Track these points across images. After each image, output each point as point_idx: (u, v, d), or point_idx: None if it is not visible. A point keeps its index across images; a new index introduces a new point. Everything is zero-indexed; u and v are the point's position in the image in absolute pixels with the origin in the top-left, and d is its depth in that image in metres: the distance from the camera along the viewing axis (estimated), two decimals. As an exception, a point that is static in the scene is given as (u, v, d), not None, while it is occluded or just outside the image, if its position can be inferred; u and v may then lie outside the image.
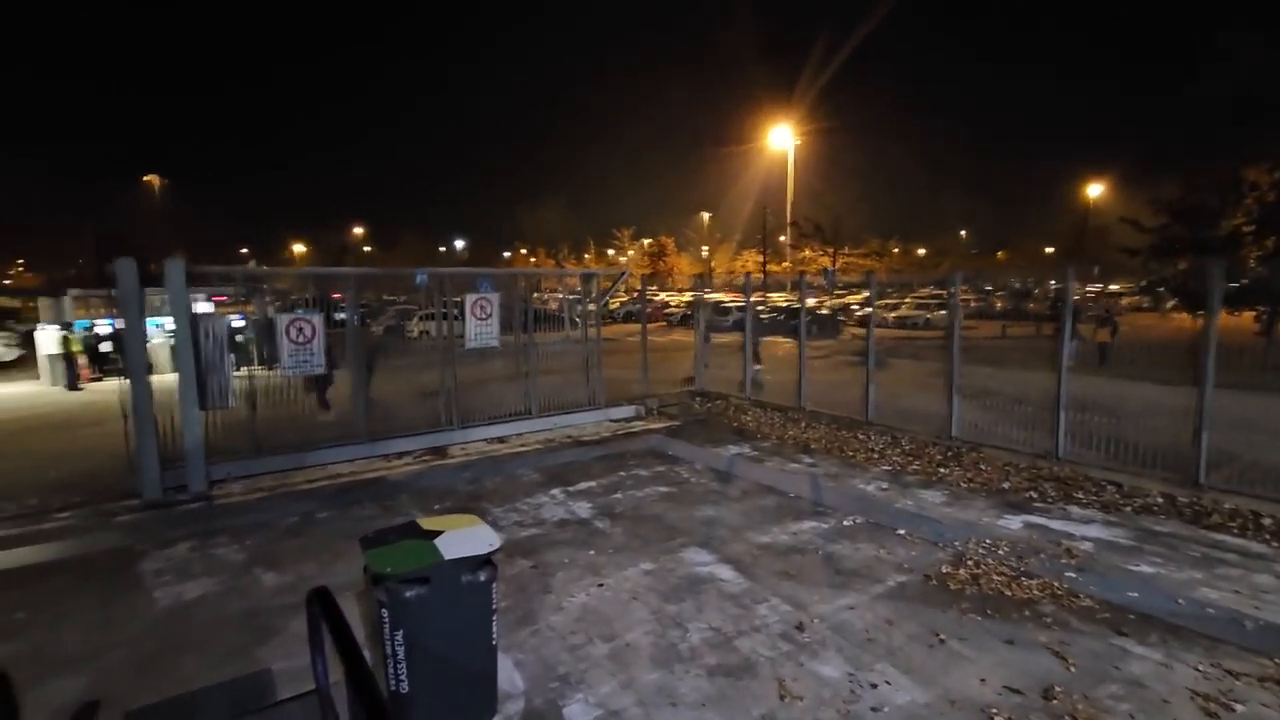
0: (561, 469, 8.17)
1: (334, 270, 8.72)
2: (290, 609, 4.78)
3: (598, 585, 5.06)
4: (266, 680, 4.00)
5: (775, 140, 31.62)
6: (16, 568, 5.66)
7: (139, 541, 6.13)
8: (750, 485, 7.45)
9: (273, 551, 5.85)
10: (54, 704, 3.73)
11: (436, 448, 8.99)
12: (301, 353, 8.41)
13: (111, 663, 4.19)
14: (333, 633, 2.92)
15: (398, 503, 7.05)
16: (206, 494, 7.36)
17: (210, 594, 5.09)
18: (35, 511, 6.91)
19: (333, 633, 2.92)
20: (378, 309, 26.38)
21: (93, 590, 5.16)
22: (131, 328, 7.22)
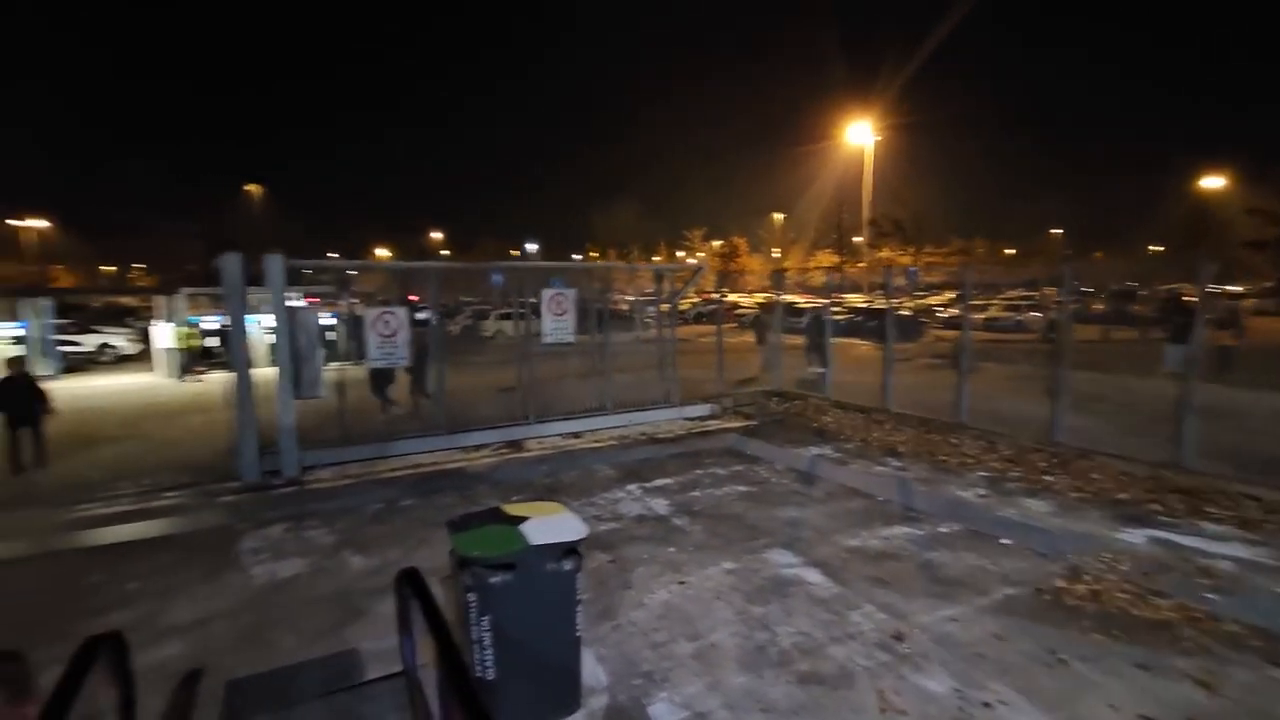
0: (637, 465, 8.06)
1: (419, 264, 8.93)
2: (377, 592, 4.86)
3: (679, 583, 4.90)
4: (354, 660, 4.06)
5: (853, 137, 30.65)
6: (132, 541, 6.05)
7: (238, 521, 6.43)
8: (834, 487, 7.11)
9: (360, 535, 6.00)
10: (163, 670, 3.89)
11: (513, 441, 9.07)
12: (387, 345, 8.66)
13: (214, 634, 4.36)
14: (423, 614, 2.89)
15: (476, 493, 7.13)
16: (299, 479, 7.67)
17: (302, 574, 5.26)
18: (149, 490, 7.39)
19: (423, 614, 2.89)
20: (454, 309, 27.26)
21: (198, 565, 5.43)
22: (235, 319, 7.62)
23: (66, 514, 6.64)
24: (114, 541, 6.03)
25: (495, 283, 27.13)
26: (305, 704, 3.59)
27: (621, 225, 47.16)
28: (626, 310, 21.98)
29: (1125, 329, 18.61)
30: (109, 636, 2.86)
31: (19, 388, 8.02)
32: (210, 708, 3.58)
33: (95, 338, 20.64)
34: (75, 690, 2.39)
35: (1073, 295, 8.59)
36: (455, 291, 27.51)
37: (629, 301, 24.03)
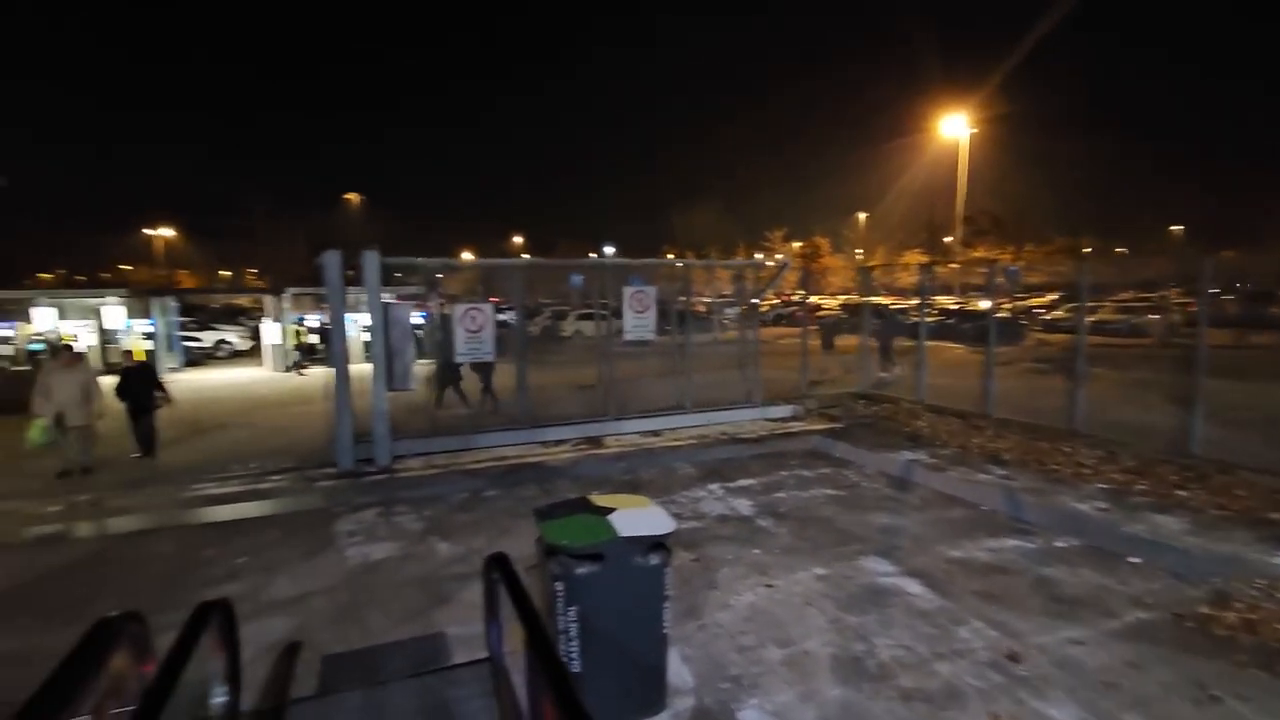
0: (718, 465, 7.87)
1: (503, 261, 9.10)
2: (462, 578, 4.92)
3: (766, 586, 4.68)
4: (441, 643, 4.09)
5: (946, 130, 29.10)
6: (241, 519, 6.42)
7: (335, 505, 6.72)
8: (931, 494, 6.67)
9: (446, 523, 6.12)
10: (266, 640, 4.06)
11: (592, 437, 9.07)
12: (473, 340, 8.87)
13: (312, 609, 4.53)
14: (512, 600, 2.84)
15: (557, 486, 7.15)
16: (390, 467, 7.95)
17: (392, 557, 5.40)
18: (256, 473, 7.86)
19: (512, 600, 2.84)
20: (534, 310, 27.87)
21: (298, 544, 5.68)
22: (335, 314, 7.99)
23: (185, 492, 7.14)
24: (225, 519, 6.42)
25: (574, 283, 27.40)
26: (395, 683, 3.63)
27: (700, 227, 46.40)
28: (704, 311, 21.78)
29: (1266, 333, 16.69)
30: (219, 603, 2.98)
31: (140, 379, 8.58)
32: (308, 679, 3.69)
33: (213, 334, 22.39)
34: (190, 651, 2.47)
35: (1209, 295, 7.71)
36: (535, 293, 28.07)
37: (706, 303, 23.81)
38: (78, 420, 7.63)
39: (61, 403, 7.51)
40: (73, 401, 7.56)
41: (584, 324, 24.37)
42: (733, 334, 15.74)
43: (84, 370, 7.90)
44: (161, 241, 49.60)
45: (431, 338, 10.03)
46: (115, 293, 18.14)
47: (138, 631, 2.75)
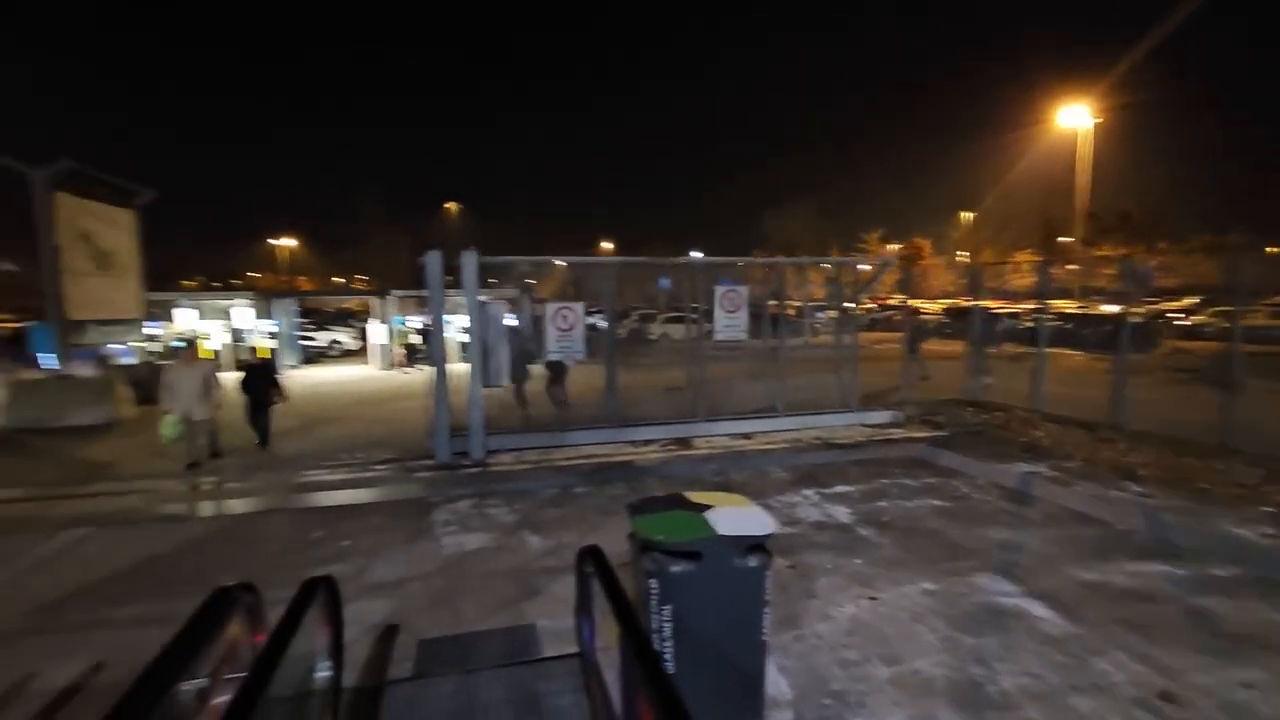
0: (813, 470, 7.52)
1: (595, 260, 9.15)
2: (552, 572, 4.90)
3: (869, 598, 4.37)
4: (531, 635, 4.07)
5: (1066, 121, 26.92)
6: (347, 505, 6.74)
7: (432, 495, 6.93)
8: (1055, 510, 6.05)
9: (537, 517, 6.16)
10: (367, 621, 4.18)
11: (681, 438, 8.93)
12: (564, 339, 8.96)
13: (409, 594, 4.64)
14: (606, 594, 2.75)
15: (646, 486, 7.06)
16: (483, 462, 8.14)
17: (485, 548, 5.47)
18: (362, 463, 8.26)
19: (606, 594, 2.75)
20: (621, 313, 28.10)
21: (398, 530, 5.88)
22: (435, 312, 8.29)
23: (298, 478, 7.60)
24: (333, 504, 6.76)
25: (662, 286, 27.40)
26: (486, 671, 3.63)
27: (793, 228, 44.74)
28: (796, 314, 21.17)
29: None
30: (324, 579, 3.07)
31: (260, 375, 9.07)
32: (404, 662, 3.75)
33: (326, 335, 24.03)
34: (297, 623, 2.53)
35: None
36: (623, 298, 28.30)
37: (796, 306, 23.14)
38: (200, 415, 7.92)
39: (185, 399, 7.78)
40: (194, 397, 7.81)
41: (671, 327, 24.32)
42: (824, 338, 15.19)
43: (203, 367, 8.17)
44: (285, 251, 54.10)
45: (521, 337, 10.24)
46: (244, 295, 19.81)
47: (252, 602, 2.86)
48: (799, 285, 22.30)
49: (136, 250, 13.85)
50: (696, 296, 9.48)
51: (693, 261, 9.23)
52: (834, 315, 13.46)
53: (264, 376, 9.06)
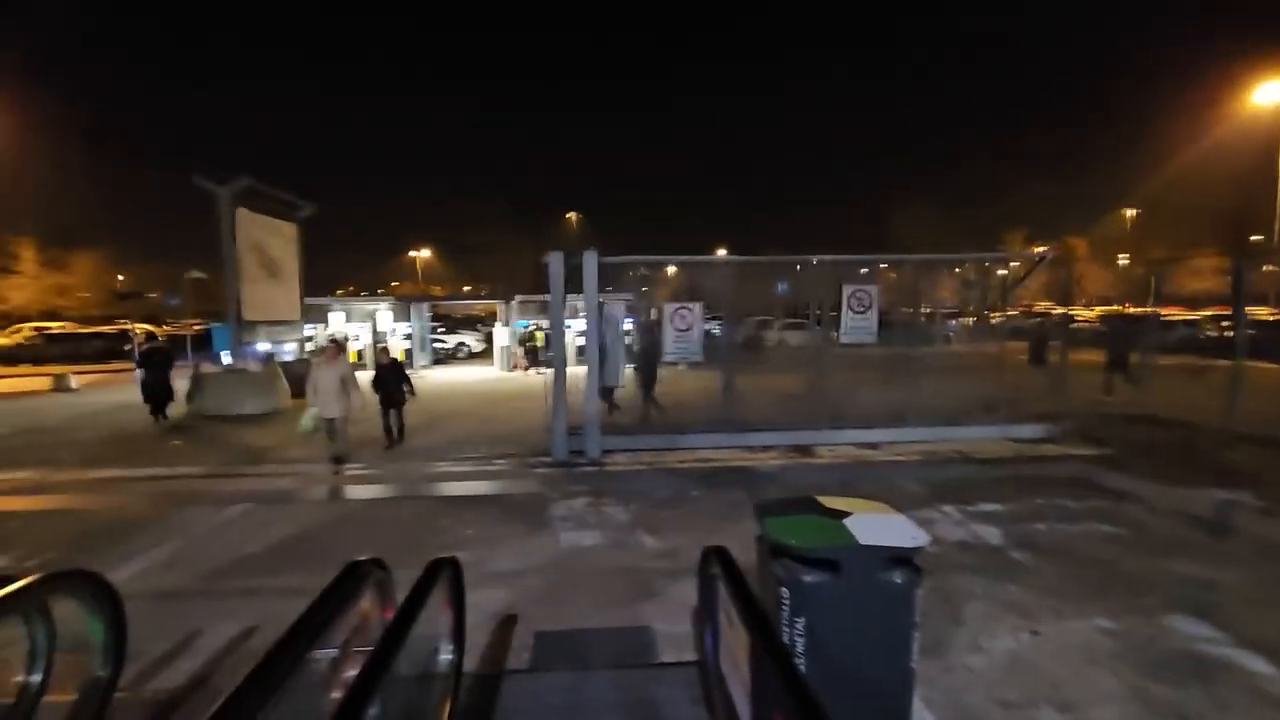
0: (952, 485, 6.83)
1: (713, 259, 8.96)
2: (669, 574, 4.73)
3: (1031, 632, 3.81)
4: (647, 638, 3.91)
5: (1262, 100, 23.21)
6: (470, 496, 6.96)
7: (549, 491, 7.00)
8: (1264, 546, 5.07)
9: (652, 518, 6.02)
10: (486, 609, 4.22)
11: (801, 446, 8.50)
12: (682, 340, 8.83)
13: (526, 585, 4.64)
14: (735, 599, 2.51)
15: (765, 492, 6.72)
16: (599, 461, 8.16)
17: (600, 545, 5.40)
18: (485, 456, 8.56)
19: (735, 599, 2.51)
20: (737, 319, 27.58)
21: (517, 523, 5.97)
22: (555, 312, 8.44)
23: (426, 469, 7.99)
24: (457, 495, 7.01)
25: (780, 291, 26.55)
26: (602, 671, 3.52)
27: (920, 230, 41.21)
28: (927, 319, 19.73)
29: None
30: (449, 561, 3.08)
31: (391, 375, 9.27)
32: (521, 652, 3.72)
33: (455, 338, 25.58)
34: (423, 601, 2.52)
35: None
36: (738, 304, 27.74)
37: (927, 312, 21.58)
38: (333, 412, 8.01)
39: (324, 395, 7.96)
40: (331, 394, 7.95)
41: (789, 334, 23.54)
42: (959, 347, 14.00)
43: (341, 366, 8.18)
44: (420, 261, 58.53)
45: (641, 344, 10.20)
46: (385, 301, 21.47)
47: (383, 578, 2.91)
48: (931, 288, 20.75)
49: (298, 258, 15.38)
50: (820, 298, 9.00)
51: (815, 259, 8.77)
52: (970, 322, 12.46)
53: (395, 376, 9.32)
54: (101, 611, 2.93)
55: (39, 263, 37.07)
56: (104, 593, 2.93)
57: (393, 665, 2.07)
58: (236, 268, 12.61)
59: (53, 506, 6.75)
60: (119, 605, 2.96)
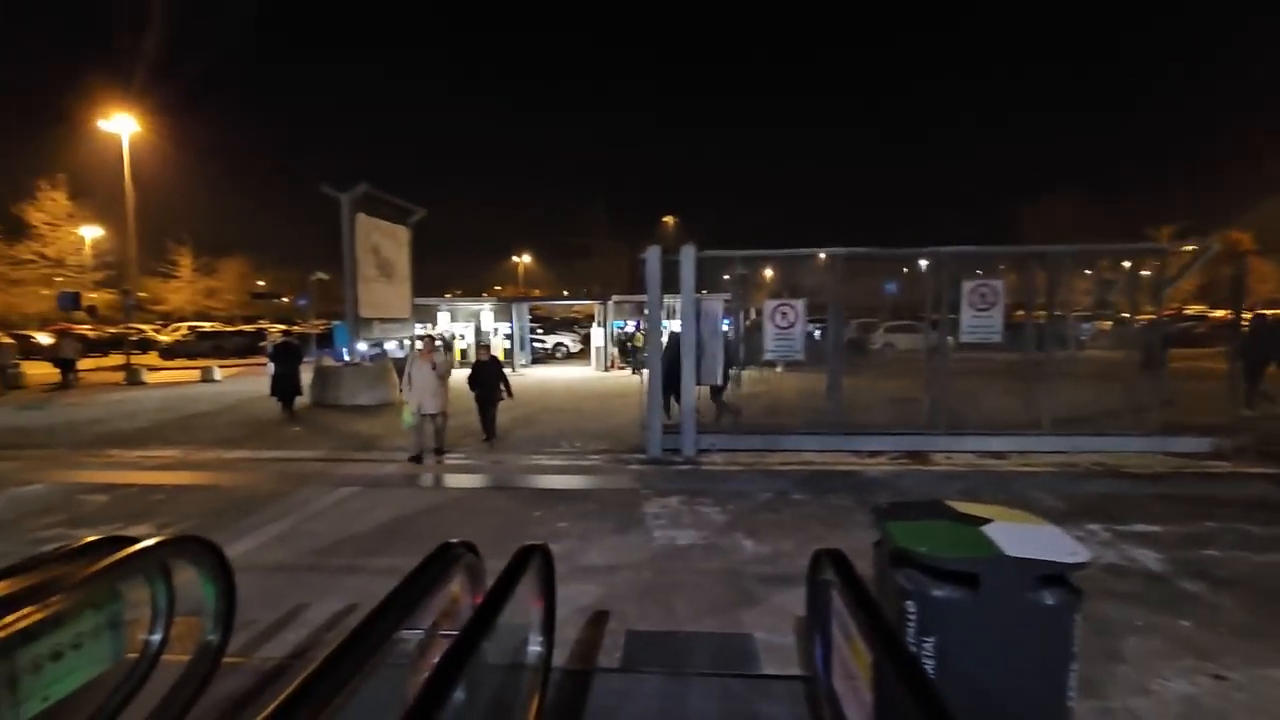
0: (1097, 501, 6.02)
1: (817, 250, 8.47)
2: (769, 580, 4.40)
3: (1213, 676, 3.18)
4: (749, 647, 3.61)
5: None
6: (563, 489, 6.92)
7: (643, 487, 6.83)
8: None
9: (751, 520, 5.69)
10: (577, 603, 4.07)
11: (916, 452, 7.84)
12: (783, 338, 8.42)
13: (618, 582, 4.46)
14: (855, 609, 2.19)
15: (876, 499, 6.20)
16: (694, 459, 7.91)
17: (696, 545, 5.15)
18: (579, 451, 8.54)
19: (855, 609, 2.19)
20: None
21: (610, 518, 5.82)
22: (652, 308, 8.29)
23: (521, 460, 8.05)
24: (550, 488, 6.98)
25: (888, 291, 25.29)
26: (699, 677, 3.27)
27: (1058, 222, 36.45)
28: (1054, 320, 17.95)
29: None
30: (540, 548, 2.94)
31: (489, 372, 9.08)
32: (612, 651, 3.54)
33: (553, 338, 26.19)
34: (511, 587, 2.39)
35: None
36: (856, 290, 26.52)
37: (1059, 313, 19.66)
38: (431, 408, 7.98)
39: (419, 391, 7.90)
40: (428, 390, 7.91)
41: (896, 336, 22.26)
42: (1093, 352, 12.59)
43: (437, 361, 8.09)
44: (522, 266, 60.71)
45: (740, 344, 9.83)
46: (488, 302, 22.28)
47: (474, 563, 2.80)
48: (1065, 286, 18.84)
49: (409, 260, 16.20)
50: (936, 295, 8.29)
51: (936, 251, 8.08)
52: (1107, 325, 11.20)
53: (492, 373, 9.13)
54: (215, 578, 3.02)
55: (193, 269, 41.61)
56: (217, 560, 3.02)
57: (479, 650, 1.93)
58: (354, 268, 13.41)
59: (192, 482, 7.35)
60: (230, 573, 3.04)
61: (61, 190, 31.77)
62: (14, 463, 8.30)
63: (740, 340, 9.84)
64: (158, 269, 40.24)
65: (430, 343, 8.48)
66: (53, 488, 7.04)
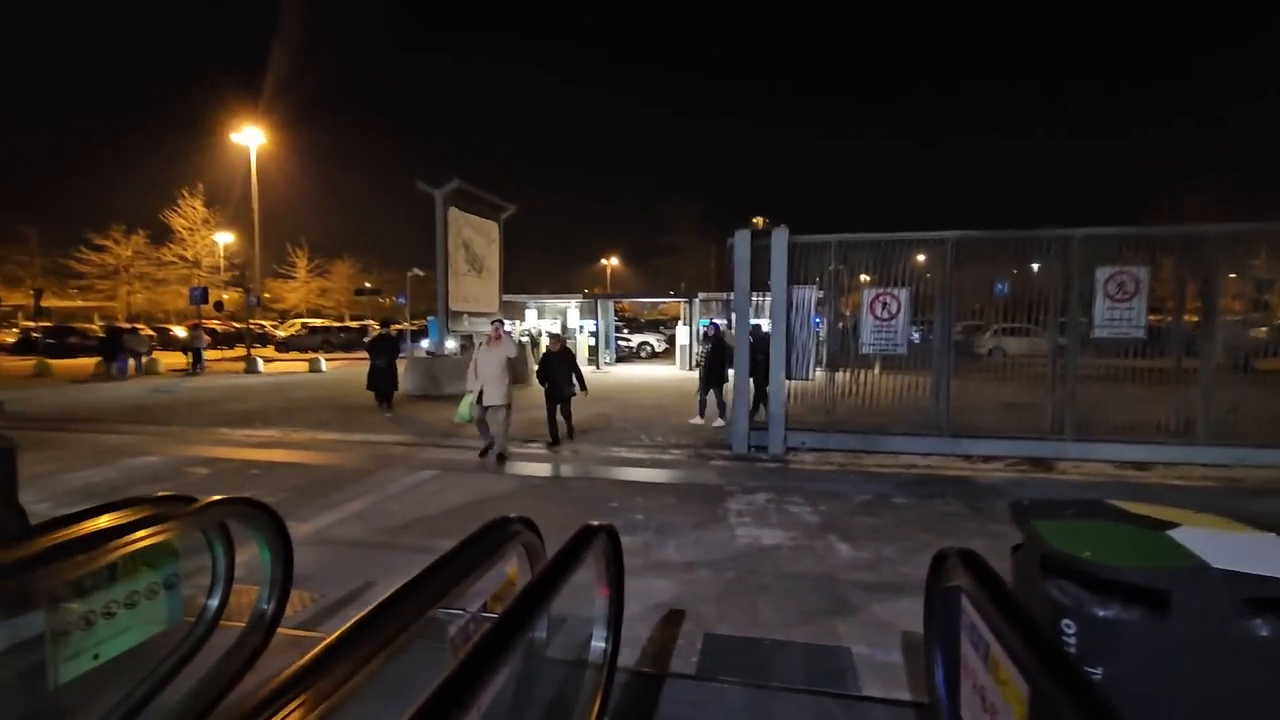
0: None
1: (921, 234, 7.72)
2: (870, 588, 3.87)
3: None
4: (845, 662, 3.12)
5: None
6: (642, 481, 6.59)
7: (727, 483, 6.38)
8: None
9: (847, 523, 5.13)
10: (650, 599, 3.71)
11: (1037, 459, 6.95)
12: (883, 330, 7.74)
13: (696, 580, 4.06)
14: (1000, 619, 1.71)
15: (993, 508, 5.47)
16: (782, 457, 7.38)
17: (785, 546, 4.66)
18: (660, 445, 8.19)
19: (1000, 619, 1.71)
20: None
21: (689, 512, 5.43)
22: (740, 296, 7.82)
23: (600, 452, 7.80)
24: (629, 480, 6.67)
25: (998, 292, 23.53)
26: (785, 693, 2.82)
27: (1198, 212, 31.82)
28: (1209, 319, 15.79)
29: None
30: (605, 528, 2.60)
31: (560, 364, 8.08)
32: (687, 655, 3.15)
33: (638, 337, 26.11)
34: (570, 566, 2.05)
35: None
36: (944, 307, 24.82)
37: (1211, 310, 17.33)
38: (493, 399, 7.23)
39: (485, 379, 7.27)
40: (491, 379, 7.24)
41: (1006, 339, 20.52)
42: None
43: (506, 347, 7.44)
44: (608, 268, 61.42)
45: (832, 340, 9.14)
46: (574, 298, 22.46)
47: (532, 542, 2.50)
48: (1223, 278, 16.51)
49: (499, 255, 16.49)
50: (1069, 281, 7.32)
51: (1067, 234, 7.14)
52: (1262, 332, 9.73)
53: (565, 365, 8.10)
54: (270, 544, 2.88)
55: (308, 270, 44.79)
56: (274, 525, 2.89)
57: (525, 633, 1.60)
58: (446, 262, 13.74)
59: (285, 460, 7.59)
60: (287, 540, 2.90)
61: (198, 198, 35.07)
62: (135, 436, 8.94)
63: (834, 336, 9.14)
64: (278, 270, 43.74)
65: (498, 327, 7.55)
66: (164, 460, 7.46)
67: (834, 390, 7.92)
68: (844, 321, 8.36)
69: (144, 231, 35.52)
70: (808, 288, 7.91)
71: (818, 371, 8.15)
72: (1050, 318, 7.51)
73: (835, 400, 8.17)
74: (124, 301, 36.67)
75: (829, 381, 8.01)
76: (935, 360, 7.75)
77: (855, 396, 7.93)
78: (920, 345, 8.40)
